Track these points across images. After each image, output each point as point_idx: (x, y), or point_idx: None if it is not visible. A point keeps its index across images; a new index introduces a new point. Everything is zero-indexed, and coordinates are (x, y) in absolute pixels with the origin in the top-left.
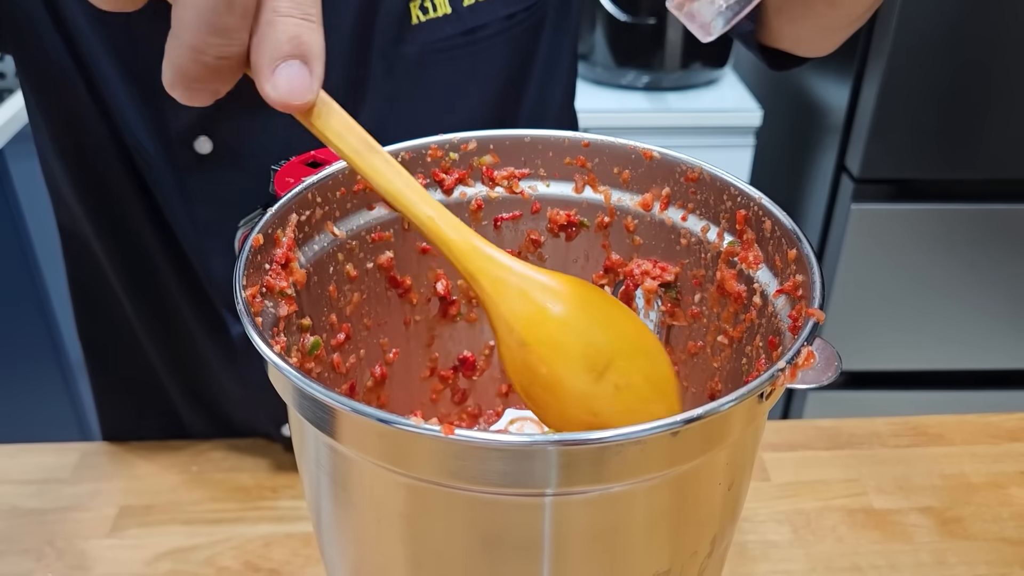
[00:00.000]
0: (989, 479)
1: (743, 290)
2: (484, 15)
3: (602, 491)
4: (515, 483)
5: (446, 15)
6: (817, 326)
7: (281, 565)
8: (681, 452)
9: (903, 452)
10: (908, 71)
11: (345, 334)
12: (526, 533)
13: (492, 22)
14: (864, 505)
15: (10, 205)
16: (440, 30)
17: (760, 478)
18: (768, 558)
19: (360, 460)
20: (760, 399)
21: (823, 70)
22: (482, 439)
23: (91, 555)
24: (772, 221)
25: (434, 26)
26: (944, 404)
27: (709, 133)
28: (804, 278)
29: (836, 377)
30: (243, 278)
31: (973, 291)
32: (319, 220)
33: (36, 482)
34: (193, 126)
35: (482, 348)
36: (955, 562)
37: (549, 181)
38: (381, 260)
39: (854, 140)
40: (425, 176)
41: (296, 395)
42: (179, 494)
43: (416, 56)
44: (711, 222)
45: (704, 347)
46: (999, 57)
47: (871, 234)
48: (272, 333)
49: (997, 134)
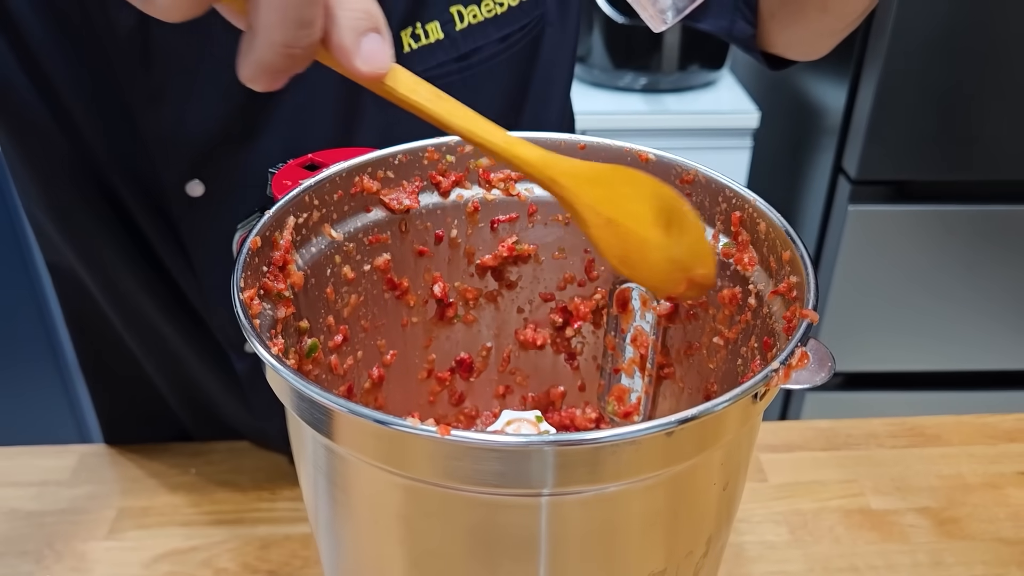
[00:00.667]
0: (986, 479)
1: (738, 292)
2: (478, 38)
3: (598, 491)
4: (511, 483)
5: (438, 41)
6: (811, 327)
7: (279, 567)
8: (676, 452)
9: (900, 453)
10: (905, 72)
11: (343, 336)
12: (522, 533)
13: (486, 45)
14: (861, 506)
15: (10, 205)
16: (433, 57)
17: (757, 479)
18: (765, 559)
19: (357, 461)
20: (754, 399)
21: (820, 72)
22: (478, 439)
23: (90, 557)
24: (766, 223)
25: (426, 54)
26: (941, 405)
27: (706, 135)
28: (798, 279)
29: (829, 377)
30: (241, 280)
31: (970, 292)
32: (316, 222)
33: (35, 484)
34: (184, 172)
35: (479, 350)
36: (952, 562)
37: None
38: (378, 262)
39: (851, 142)
40: (422, 178)
41: (293, 396)
42: (177, 496)
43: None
44: (707, 224)
45: (700, 348)
46: (996, 58)
47: (868, 235)
48: (270, 335)
49: (994, 135)
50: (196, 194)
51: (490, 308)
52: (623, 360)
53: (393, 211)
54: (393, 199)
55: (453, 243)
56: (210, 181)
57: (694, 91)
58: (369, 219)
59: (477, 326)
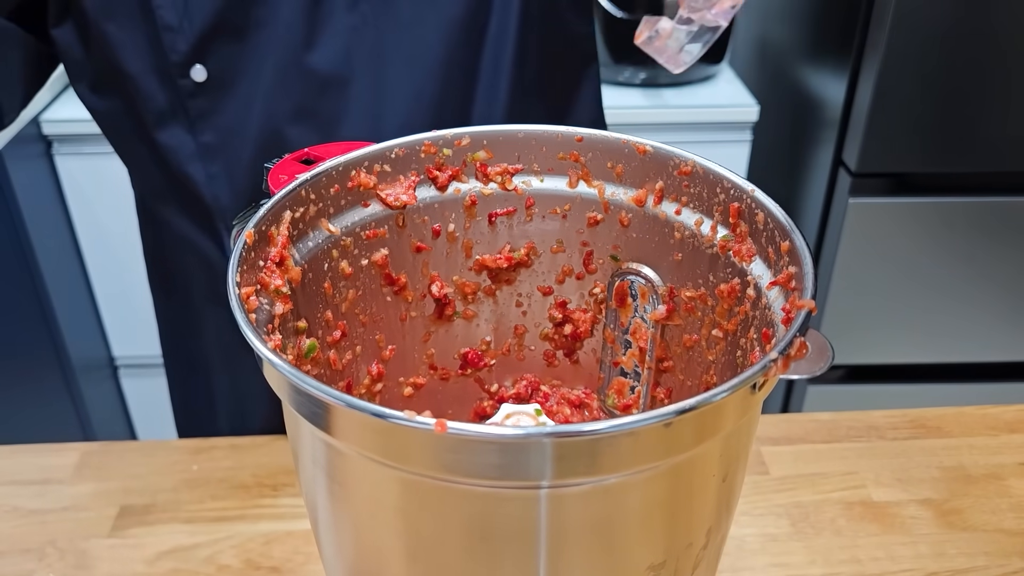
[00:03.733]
0: (988, 471)
1: (737, 284)
2: None
3: (597, 483)
4: (510, 476)
5: None
6: (810, 317)
7: (282, 563)
8: (675, 443)
9: (901, 444)
10: (904, 65)
11: (341, 331)
12: (521, 526)
13: None
14: (863, 498)
15: (10, 205)
16: None
17: (759, 471)
18: (767, 551)
19: (355, 455)
20: (753, 390)
21: (819, 65)
22: (476, 432)
23: (92, 555)
24: (765, 213)
25: None
26: (942, 397)
27: (706, 129)
28: (797, 270)
29: (828, 367)
30: (237, 275)
31: (971, 284)
32: (313, 217)
33: (37, 482)
34: (188, 55)
35: (478, 344)
36: (954, 553)
37: (543, 176)
38: (376, 257)
39: (851, 134)
40: (419, 172)
41: (291, 391)
42: (180, 493)
43: None
44: (705, 215)
45: (699, 340)
46: (995, 50)
47: (869, 228)
48: (267, 330)
49: (994, 127)
50: (200, 79)
51: (488, 302)
52: (622, 353)
53: (390, 207)
54: (390, 195)
55: (451, 237)
56: (211, 67)
57: (693, 85)
58: (366, 213)
59: (476, 320)
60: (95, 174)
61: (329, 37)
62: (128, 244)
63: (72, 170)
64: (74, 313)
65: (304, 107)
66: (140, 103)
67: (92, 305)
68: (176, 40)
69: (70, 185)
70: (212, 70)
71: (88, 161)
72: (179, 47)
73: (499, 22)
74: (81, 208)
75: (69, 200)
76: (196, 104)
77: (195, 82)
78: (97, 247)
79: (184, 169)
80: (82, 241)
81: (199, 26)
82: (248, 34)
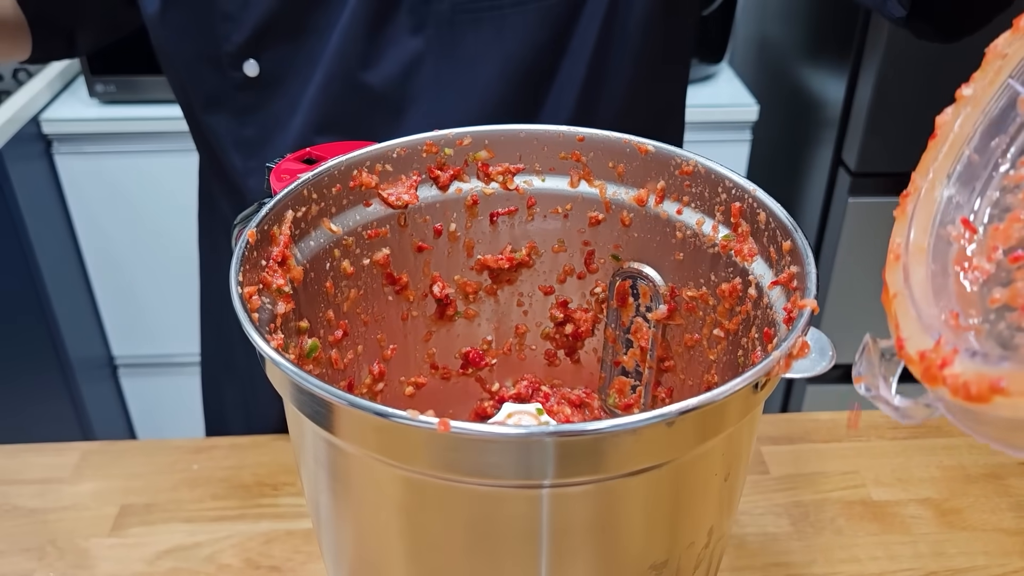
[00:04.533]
0: (987, 470)
1: (738, 283)
2: None
3: (599, 482)
4: (512, 475)
5: None
6: (812, 316)
7: (282, 562)
8: (677, 442)
9: (901, 444)
10: (904, 64)
11: (342, 331)
12: (524, 525)
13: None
14: (863, 497)
15: (10, 205)
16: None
17: (759, 471)
18: (767, 550)
19: (357, 454)
20: (755, 389)
21: (819, 65)
22: (478, 432)
23: (93, 554)
24: (766, 213)
25: None
26: None
27: (706, 128)
28: (799, 269)
29: (830, 366)
30: (239, 274)
31: None
32: (315, 216)
33: (37, 482)
34: (242, 48)
35: (479, 343)
36: (954, 553)
37: (544, 176)
38: (377, 257)
39: (851, 134)
40: (421, 172)
41: (293, 390)
42: (180, 492)
43: (447, 14)
44: (706, 215)
45: (700, 340)
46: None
47: (868, 228)
48: (269, 330)
49: None
50: (252, 74)
51: (490, 301)
52: (624, 353)
53: (392, 207)
54: (391, 194)
55: (452, 237)
56: (264, 63)
57: (693, 85)
58: (368, 213)
59: (477, 320)
60: (95, 174)
61: (388, 56)
62: (128, 244)
63: (72, 170)
64: (74, 313)
65: (348, 120)
66: (190, 87)
67: (92, 305)
68: (232, 30)
69: (70, 185)
70: (264, 67)
71: (88, 161)
72: (234, 38)
73: (569, 70)
74: (81, 208)
75: (69, 200)
76: (243, 97)
77: (246, 76)
78: (97, 247)
79: (226, 155)
80: (82, 241)
81: (255, 19)
82: (304, 37)
